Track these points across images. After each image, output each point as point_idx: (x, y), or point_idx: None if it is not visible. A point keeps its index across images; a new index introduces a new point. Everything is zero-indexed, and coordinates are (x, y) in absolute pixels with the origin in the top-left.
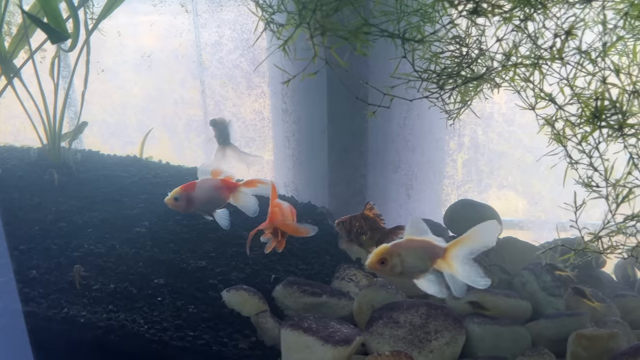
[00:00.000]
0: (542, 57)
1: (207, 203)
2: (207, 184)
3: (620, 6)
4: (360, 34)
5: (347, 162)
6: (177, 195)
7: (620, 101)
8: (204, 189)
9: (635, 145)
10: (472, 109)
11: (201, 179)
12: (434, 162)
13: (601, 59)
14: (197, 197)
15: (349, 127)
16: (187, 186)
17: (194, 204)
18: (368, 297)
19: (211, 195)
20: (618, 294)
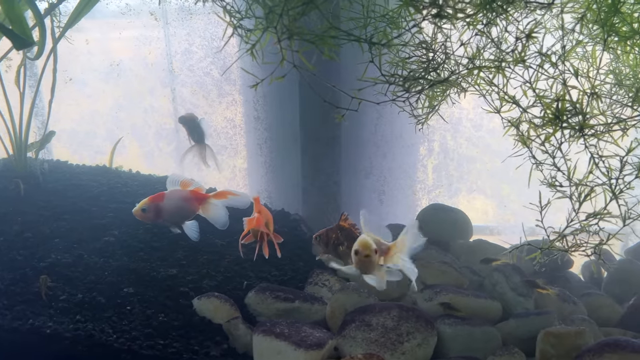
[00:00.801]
0: (505, 60)
1: (176, 214)
2: (176, 195)
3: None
4: (327, 38)
5: (320, 168)
6: (144, 207)
7: (580, 103)
8: (172, 200)
9: (595, 146)
10: (440, 114)
11: (170, 189)
12: (405, 167)
13: (561, 62)
14: (165, 208)
15: (321, 133)
16: (155, 197)
17: (163, 215)
18: (340, 301)
19: (180, 207)
20: (584, 293)
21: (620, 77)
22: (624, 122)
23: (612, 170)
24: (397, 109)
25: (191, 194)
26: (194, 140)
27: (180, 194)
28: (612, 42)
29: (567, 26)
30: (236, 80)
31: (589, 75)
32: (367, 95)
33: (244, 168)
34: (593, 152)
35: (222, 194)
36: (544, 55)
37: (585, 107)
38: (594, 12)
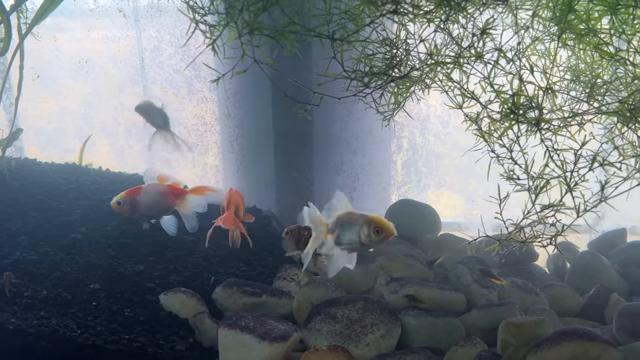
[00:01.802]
0: (463, 57)
1: (152, 208)
2: (153, 189)
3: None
4: (287, 34)
5: (293, 165)
6: (121, 199)
7: (536, 98)
8: (149, 194)
9: (551, 139)
10: (407, 111)
11: (147, 184)
12: (376, 164)
13: (517, 58)
14: (142, 202)
15: (293, 130)
16: (132, 190)
17: (139, 208)
18: (307, 295)
19: (157, 201)
20: (547, 284)
21: (577, 73)
22: (580, 116)
23: (566, 163)
24: (366, 105)
25: (168, 188)
26: (156, 126)
27: (157, 188)
28: (568, 40)
29: (526, 23)
30: (207, 78)
31: (545, 71)
32: (336, 91)
33: (215, 165)
34: (548, 146)
35: (199, 190)
36: (500, 51)
37: (541, 102)
38: (550, 9)
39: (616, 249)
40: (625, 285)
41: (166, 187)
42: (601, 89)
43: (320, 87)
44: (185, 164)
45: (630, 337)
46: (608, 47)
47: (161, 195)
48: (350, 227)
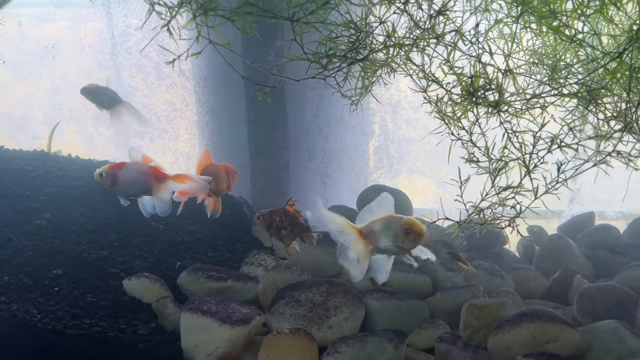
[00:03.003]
0: (422, 38)
1: (131, 186)
2: (136, 167)
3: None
4: (242, 15)
5: (266, 151)
6: (103, 172)
7: (496, 80)
8: (131, 172)
9: (510, 122)
10: (376, 96)
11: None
12: (347, 149)
13: (476, 40)
14: (122, 177)
15: (267, 117)
16: (115, 165)
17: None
18: (273, 279)
19: (136, 180)
20: (513, 267)
21: (539, 56)
22: (540, 99)
23: (525, 145)
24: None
25: (151, 170)
26: (105, 107)
27: (140, 167)
28: (530, 22)
29: (486, 4)
30: (177, 63)
31: (506, 54)
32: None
33: (186, 152)
34: (507, 128)
35: (180, 177)
36: (458, 33)
37: (500, 85)
38: None
39: (584, 232)
40: (591, 268)
41: (149, 168)
42: (563, 71)
43: (283, 70)
44: (155, 151)
45: (589, 317)
46: (569, 30)
47: (142, 174)
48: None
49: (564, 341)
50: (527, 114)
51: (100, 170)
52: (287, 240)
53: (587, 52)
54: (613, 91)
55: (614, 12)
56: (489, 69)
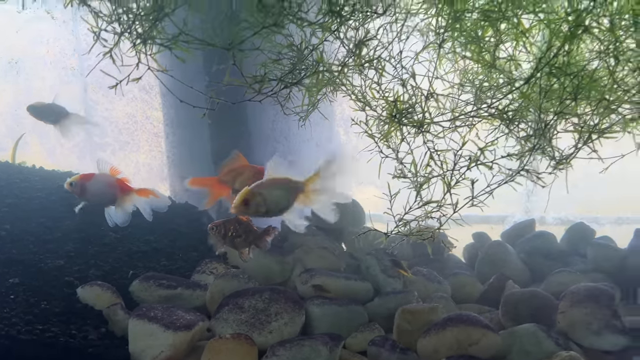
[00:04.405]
0: (349, 64)
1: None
2: (104, 179)
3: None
4: (179, 43)
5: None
6: (73, 182)
7: (420, 103)
8: (98, 183)
9: (432, 141)
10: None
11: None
12: (303, 161)
13: (400, 65)
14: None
15: (228, 130)
16: (85, 176)
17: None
18: (220, 287)
19: (103, 191)
20: (452, 273)
21: (465, 79)
22: (467, 119)
23: (446, 163)
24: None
25: (117, 182)
26: (53, 122)
27: (107, 179)
28: (456, 47)
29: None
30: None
31: (429, 77)
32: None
33: (147, 163)
34: (430, 147)
35: (144, 192)
36: (380, 60)
37: (423, 107)
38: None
39: (522, 239)
40: (527, 273)
41: (115, 180)
42: (487, 93)
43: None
44: (117, 162)
45: (512, 321)
46: (491, 55)
47: (108, 186)
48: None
49: (485, 344)
50: (455, 132)
51: (70, 180)
52: (241, 248)
53: (503, 76)
54: (527, 113)
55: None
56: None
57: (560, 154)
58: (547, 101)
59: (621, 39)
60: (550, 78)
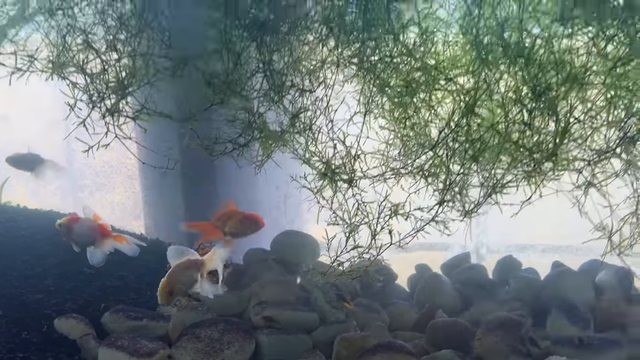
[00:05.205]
0: (286, 131)
1: (81, 237)
2: (87, 223)
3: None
4: (141, 115)
5: (200, 201)
6: (61, 223)
7: (350, 162)
8: (82, 226)
9: (360, 194)
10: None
11: (85, 217)
12: (265, 201)
13: (332, 131)
14: (75, 230)
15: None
16: (72, 219)
17: (72, 234)
18: (180, 318)
19: (86, 234)
20: (390, 302)
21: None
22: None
23: (370, 213)
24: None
25: (99, 227)
26: (30, 170)
27: (90, 223)
28: (384, 113)
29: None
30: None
31: (358, 139)
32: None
33: (121, 202)
34: (358, 199)
35: (120, 238)
36: (313, 127)
37: (352, 166)
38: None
39: (458, 270)
40: (460, 302)
41: (97, 225)
42: (411, 151)
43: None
44: (94, 203)
45: (434, 347)
46: (412, 120)
47: (91, 229)
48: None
49: None
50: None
51: (60, 222)
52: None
53: (421, 139)
54: (439, 172)
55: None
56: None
57: (470, 204)
58: (455, 162)
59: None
60: (454, 142)
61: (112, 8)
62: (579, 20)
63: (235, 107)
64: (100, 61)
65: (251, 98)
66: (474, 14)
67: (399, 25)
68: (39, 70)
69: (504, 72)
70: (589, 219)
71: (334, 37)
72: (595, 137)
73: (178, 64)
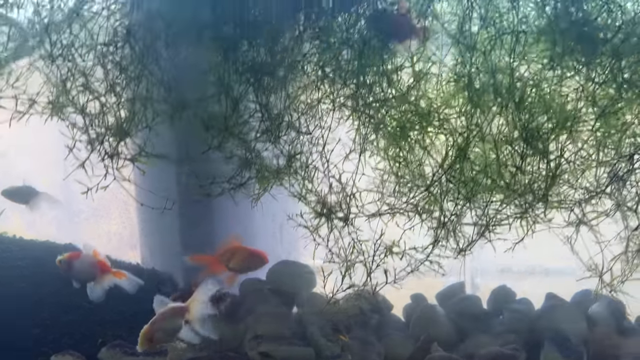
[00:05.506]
0: (282, 171)
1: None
2: (87, 259)
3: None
4: (139, 158)
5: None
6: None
7: (346, 201)
8: (83, 263)
9: (356, 232)
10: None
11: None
12: (261, 230)
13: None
14: (76, 266)
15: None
16: (73, 255)
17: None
18: (177, 353)
19: (86, 270)
20: (386, 334)
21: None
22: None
23: (366, 251)
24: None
25: (99, 263)
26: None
27: (90, 260)
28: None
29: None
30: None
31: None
32: None
33: (118, 232)
34: (354, 238)
35: (120, 274)
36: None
37: (348, 205)
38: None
39: (452, 301)
40: (455, 334)
41: (97, 261)
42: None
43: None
44: (91, 234)
45: None
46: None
47: (91, 266)
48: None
49: None
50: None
51: (60, 258)
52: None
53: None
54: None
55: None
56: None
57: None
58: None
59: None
60: (447, 183)
61: (112, 53)
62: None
63: (232, 147)
64: (99, 104)
65: (249, 140)
66: (466, 59)
67: (393, 67)
68: (38, 112)
69: (495, 114)
70: (580, 259)
71: (328, 81)
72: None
73: (177, 108)
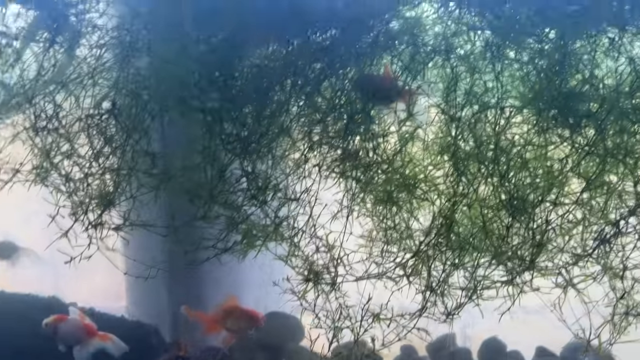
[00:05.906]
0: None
1: (67, 336)
2: (74, 323)
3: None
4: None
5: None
6: (48, 322)
7: (333, 266)
8: (69, 326)
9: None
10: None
11: (71, 316)
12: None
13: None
14: (61, 329)
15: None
16: (59, 318)
17: (58, 333)
18: None
19: (72, 333)
20: None
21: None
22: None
23: (354, 318)
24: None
25: (85, 326)
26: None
27: (76, 323)
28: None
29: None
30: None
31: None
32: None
33: (103, 283)
34: (341, 303)
35: (105, 337)
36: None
37: (335, 269)
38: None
39: (442, 353)
40: None
41: (83, 324)
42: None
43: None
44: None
45: None
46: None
47: (77, 329)
48: None
49: None
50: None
51: (46, 321)
52: None
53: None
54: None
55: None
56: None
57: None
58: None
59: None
60: (435, 250)
61: (97, 127)
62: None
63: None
64: (84, 175)
65: (235, 206)
66: (452, 131)
67: (379, 131)
68: (22, 180)
69: (480, 183)
70: (567, 326)
71: (315, 147)
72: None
73: (162, 180)
